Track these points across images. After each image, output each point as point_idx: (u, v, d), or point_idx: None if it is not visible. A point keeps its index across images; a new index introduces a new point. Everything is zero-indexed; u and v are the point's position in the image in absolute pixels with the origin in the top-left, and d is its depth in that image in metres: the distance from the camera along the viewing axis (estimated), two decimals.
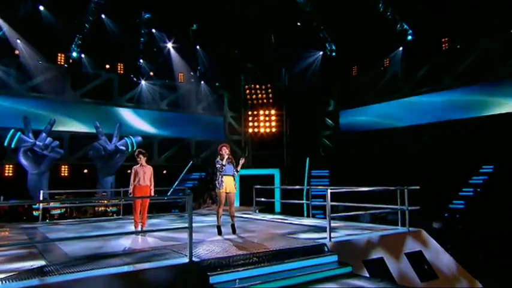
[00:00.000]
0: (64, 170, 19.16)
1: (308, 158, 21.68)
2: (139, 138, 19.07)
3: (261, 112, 23.17)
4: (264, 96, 23.16)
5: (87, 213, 14.27)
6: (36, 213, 10.62)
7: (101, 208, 14.52)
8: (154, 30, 20.86)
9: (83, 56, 19.47)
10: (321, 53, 22.73)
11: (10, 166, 17.61)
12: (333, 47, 22.57)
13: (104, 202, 13.92)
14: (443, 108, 18.34)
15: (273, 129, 23.07)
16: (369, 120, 21.78)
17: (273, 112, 23.12)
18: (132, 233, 7.03)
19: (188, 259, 4.63)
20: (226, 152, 6.79)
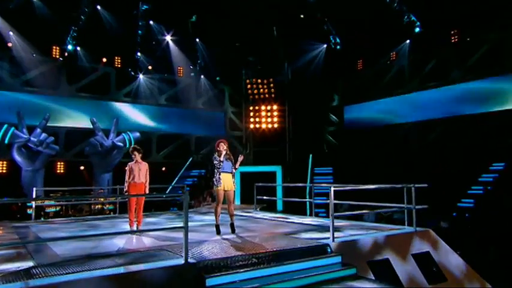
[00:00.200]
0: (60, 167, 19.14)
1: (311, 155, 21.58)
2: (137, 134, 19.04)
3: (263, 107, 23.05)
4: (266, 90, 23.03)
5: (83, 211, 14.22)
6: (30, 211, 10.55)
7: (98, 206, 14.50)
8: (152, 22, 20.69)
9: (79, 49, 19.34)
10: (325, 46, 22.49)
11: (4, 163, 17.53)
12: (337, 40, 22.33)
13: (100, 200, 13.88)
14: (451, 103, 18.10)
15: (275, 124, 22.97)
16: (375, 115, 21.57)
17: (275, 107, 23.00)
18: (127, 233, 6.96)
19: (184, 260, 4.57)
20: (223, 148, 6.74)
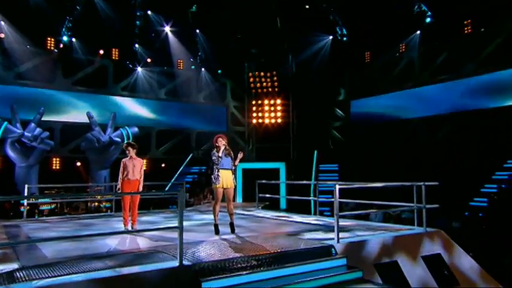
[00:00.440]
0: (55, 163, 19.10)
1: (316, 151, 21.45)
2: (135, 129, 19.00)
3: (266, 101, 22.87)
4: (269, 84, 22.84)
5: (79, 209, 14.19)
6: (23, 209, 10.49)
7: (94, 204, 14.45)
8: (150, 12, 20.52)
9: (74, 41, 19.23)
10: (331, 38, 22.27)
11: None
12: (344, 31, 22.11)
13: (97, 197, 13.82)
14: (464, 97, 17.85)
15: (279, 119, 22.81)
16: (383, 110, 21.34)
17: (279, 101, 22.83)
18: (121, 233, 6.85)
19: (178, 262, 4.44)
20: (222, 143, 6.63)
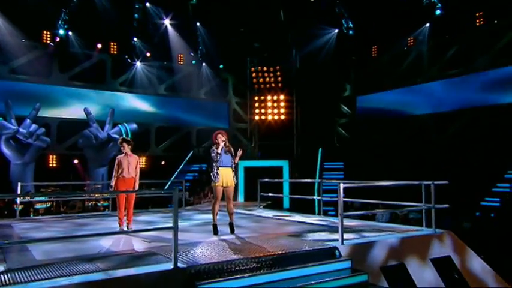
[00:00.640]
0: (52, 161, 19.11)
1: (320, 149, 21.34)
2: (134, 125, 18.96)
3: (269, 97, 22.85)
4: (272, 79, 22.80)
5: (75, 207, 14.16)
6: (17, 207, 10.45)
7: (92, 202, 14.42)
8: (148, 4, 20.46)
9: (71, 34, 19.23)
10: (336, 31, 22.18)
11: None
12: (350, 24, 21.98)
13: (94, 196, 13.78)
14: (475, 92, 17.70)
15: (282, 116, 22.77)
16: (390, 106, 21.21)
17: (282, 97, 22.78)
18: (115, 233, 6.76)
19: (172, 265, 4.35)
20: (222, 140, 6.52)
